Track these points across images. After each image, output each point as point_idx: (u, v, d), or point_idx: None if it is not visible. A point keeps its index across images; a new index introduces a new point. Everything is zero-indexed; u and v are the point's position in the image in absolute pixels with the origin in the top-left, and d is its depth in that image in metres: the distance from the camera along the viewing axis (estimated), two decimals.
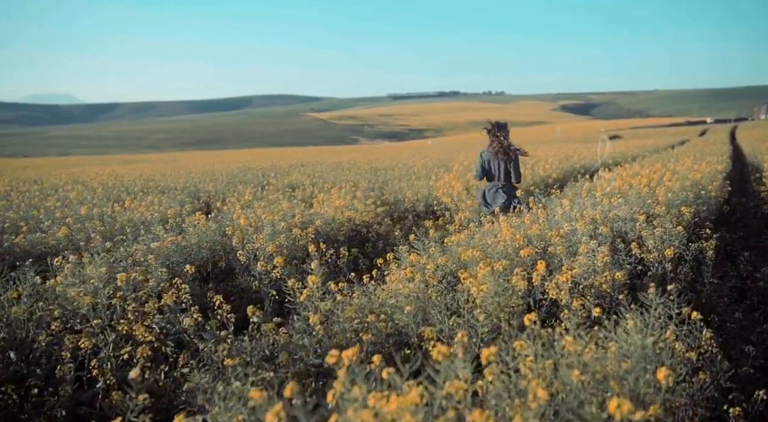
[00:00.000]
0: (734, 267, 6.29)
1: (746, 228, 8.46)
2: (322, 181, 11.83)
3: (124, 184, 12.45)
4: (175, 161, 39.05)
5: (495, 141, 6.24)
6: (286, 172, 15.66)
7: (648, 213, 5.43)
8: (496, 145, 6.23)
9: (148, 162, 39.25)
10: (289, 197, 8.57)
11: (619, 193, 6.21)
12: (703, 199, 6.48)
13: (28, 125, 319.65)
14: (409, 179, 11.38)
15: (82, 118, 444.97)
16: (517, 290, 3.18)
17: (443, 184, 8.68)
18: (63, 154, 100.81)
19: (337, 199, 7.24)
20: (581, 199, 6.00)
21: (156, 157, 54.81)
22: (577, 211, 5.27)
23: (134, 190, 11.04)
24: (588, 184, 7.58)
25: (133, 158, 53.32)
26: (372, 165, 17.34)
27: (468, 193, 7.99)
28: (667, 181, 7.55)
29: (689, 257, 4.30)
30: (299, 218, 5.78)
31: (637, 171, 9.02)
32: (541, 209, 5.51)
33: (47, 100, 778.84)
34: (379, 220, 6.94)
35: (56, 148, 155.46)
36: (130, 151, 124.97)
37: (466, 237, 4.56)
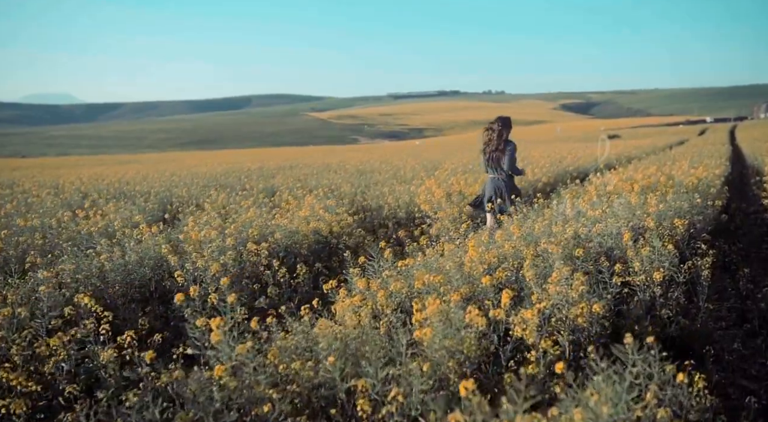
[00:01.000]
0: (733, 283, 5.78)
1: (746, 237, 7.94)
2: (300, 185, 11.32)
3: (98, 188, 11.93)
4: (168, 161, 38.56)
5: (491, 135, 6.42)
6: (270, 175, 15.15)
7: (637, 227, 4.92)
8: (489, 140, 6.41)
9: (142, 162, 38.77)
10: (259, 204, 8.05)
11: (608, 203, 5.71)
12: (699, 209, 5.97)
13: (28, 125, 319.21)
14: (394, 183, 10.88)
15: (83, 117, 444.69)
16: (474, 329, 2.67)
17: (424, 189, 8.17)
18: (62, 154, 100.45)
19: (305, 208, 6.72)
20: (566, 207, 5.50)
21: (151, 157, 54.30)
22: (558, 225, 4.76)
23: (104, 196, 10.53)
24: (576, 190, 7.07)
25: (128, 158, 52.83)
26: (360, 167, 16.83)
27: (449, 199, 7.48)
28: (662, 184, 7.05)
29: (681, 279, 3.79)
30: (255, 231, 5.26)
31: (631, 175, 8.52)
32: (518, 221, 5.00)
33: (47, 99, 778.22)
34: (349, 231, 6.43)
35: (56, 147, 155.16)
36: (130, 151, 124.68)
37: (431, 257, 4.06)
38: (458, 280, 3.38)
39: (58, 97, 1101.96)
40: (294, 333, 2.88)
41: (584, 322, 2.99)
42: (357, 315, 3.16)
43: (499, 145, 6.35)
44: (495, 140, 6.37)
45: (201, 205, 9.36)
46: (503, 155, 6.34)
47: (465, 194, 8.07)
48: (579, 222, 4.88)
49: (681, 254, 4.88)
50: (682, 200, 5.89)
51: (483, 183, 6.62)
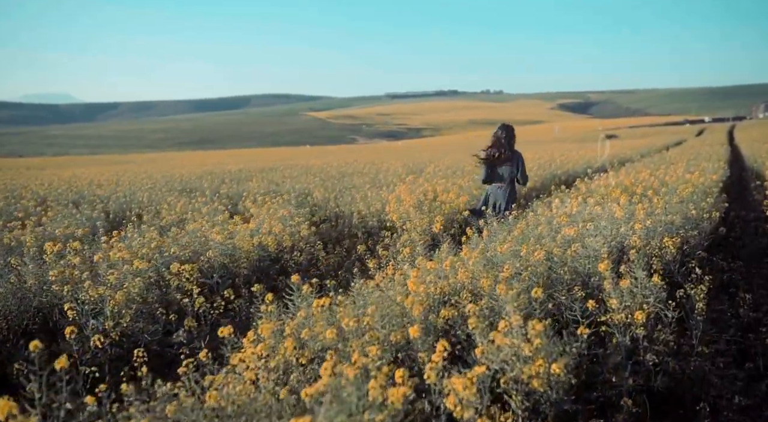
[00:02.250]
0: (732, 307, 5.11)
1: (747, 250, 7.27)
2: (273, 190, 10.64)
3: (59, 192, 11.22)
4: (160, 162, 37.88)
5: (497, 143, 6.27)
6: (247, 178, 14.46)
7: (621, 247, 4.24)
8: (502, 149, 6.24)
9: (136, 163, 38.08)
10: (214, 212, 7.36)
11: (590, 216, 5.02)
12: (694, 222, 5.30)
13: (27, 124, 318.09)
14: (367, 187, 10.18)
15: (82, 117, 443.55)
16: (388, 406, 1.98)
17: (395, 196, 7.48)
18: (61, 154, 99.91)
19: (253, 220, 6.01)
20: (543, 221, 4.81)
21: (145, 157, 53.53)
22: (527, 246, 4.07)
23: (61, 202, 9.82)
24: (562, 197, 6.38)
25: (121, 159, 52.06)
26: (342, 169, 16.13)
27: (420, 208, 6.79)
28: (653, 192, 6.37)
29: (670, 317, 3.11)
30: (174, 250, 4.56)
31: (621, 180, 7.83)
32: (481, 240, 4.33)
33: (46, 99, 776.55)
34: (304, 245, 5.74)
35: (55, 147, 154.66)
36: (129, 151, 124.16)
37: (383, 281, 3.38)
38: (390, 323, 2.70)
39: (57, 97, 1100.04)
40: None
41: (542, 386, 2.31)
42: (254, 373, 2.49)
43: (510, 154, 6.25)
44: (507, 149, 6.24)
45: (159, 211, 8.69)
46: (512, 165, 6.25)
47: (442, 201, 7.38)
48: (555, 240, 4.20)
49: (671, 279, 4.21)
50: (674, 212, 5.22)
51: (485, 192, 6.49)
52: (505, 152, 6.20)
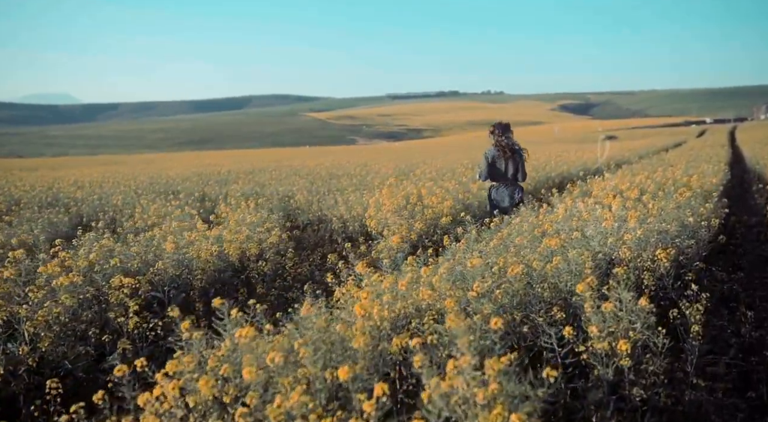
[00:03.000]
0: (732, 321, 4.70)
1: (748, 258, 6.84)
2: (255, 193, 10.24)
3: (33, 194, 10.81)
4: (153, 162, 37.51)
5: (498, 141, 6.37)
6: (234, 179, 14.06)
7: (609, 260, 3.83)
8: (500, 145, 6.35)
9: (128, 164, 37.70)
10: (183, 217, 6.96)
11: (579, 224, 4.61)
12: (691, 230, 4.88)
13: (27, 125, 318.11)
14: (349, 190, 9.77)
15: (82, 117, 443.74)
16: None
17: (375, 200, 7.07)
18: (60, 154, 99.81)
19: (215, 227, 5.59)
20: (526, 228, 4.40)
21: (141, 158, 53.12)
22: (509, 254, 3.67)
23: (34, 204, 9.42)
24: (546, 205, 5.97)
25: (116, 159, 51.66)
26: (333, 170, 15.73)
27: (399, 213, 6.38)
28: (647, 199, 5.96)
29: (660, 346, 2.69)
30: (114, 262, 4.14)
31: (616, 184, 7.42)
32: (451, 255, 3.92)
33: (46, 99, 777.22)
34: (269, 254, 5.32)
35: (54, 147, 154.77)
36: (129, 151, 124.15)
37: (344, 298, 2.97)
38: (328, 357, 2.28)
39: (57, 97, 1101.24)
40: None
41: None
42: None
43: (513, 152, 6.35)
44: (509, 147, 6.35)
45: (133, 214, 8.29)
46: (516, 163, 6.35)
47: (426, 205, 6.95)
48: (536, 251, 3.78)
49: (665, 295, 3.80)
50: (670, 220, 4.80)
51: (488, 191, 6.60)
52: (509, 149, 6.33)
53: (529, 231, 4.45)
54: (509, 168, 6.35)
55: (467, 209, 7.38)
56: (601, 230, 4.04)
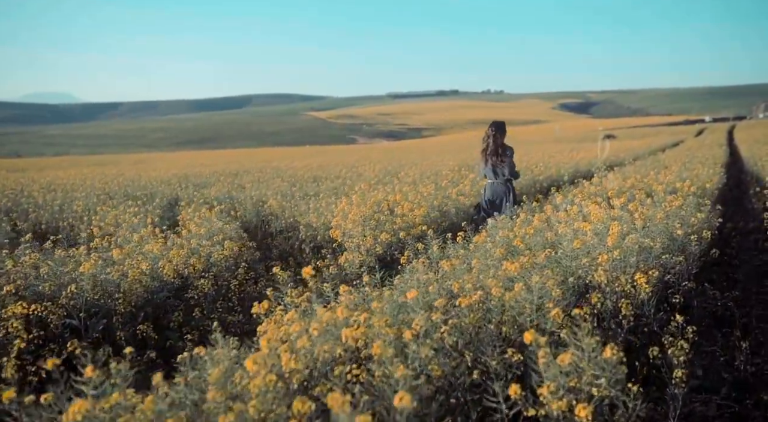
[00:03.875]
0: (726, 348, 4.20)
1: (744, 269, 6.34)
2: (227, 198, 9.74)
3: None
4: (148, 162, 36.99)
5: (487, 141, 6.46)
6: (213, 182, 13.55)
7: (581, 285, 3.32)
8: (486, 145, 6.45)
9: (118, 164, 37.19)
10: (134, 227, 6.45)
11: (551, 241, 4.10)
12: (680, 243, 4.38)
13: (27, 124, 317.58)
14: (334, 193, 9.27)
15: (82, 117, 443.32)
16: None
17: (342, 208, 6.55)
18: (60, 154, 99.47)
19: (157, 240, 5.05)
20: (488, 248, 3.89)
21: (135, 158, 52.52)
22: (459, 283, 3.16)
23: None
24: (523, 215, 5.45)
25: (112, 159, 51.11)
26: (317, 172, 15.21)
27: (365, 223, 5.86)
28: (634, 207, 5.45)
29: (631, 408, 2.19)
30: (8, 288, 3.63)
31: (603, 189, 6.91)
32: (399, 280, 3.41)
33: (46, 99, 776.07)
34: (217, 270, 4.82)
35: (54, 147, 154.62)
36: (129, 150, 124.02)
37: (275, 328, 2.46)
38: None
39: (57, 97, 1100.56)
40: None
41: None
42: None
43: (497, 150, 6.42)
44: (491, 145, 6.43)
45: (90, 223, 7.79)
46: (501, 160, 6.41)
47: (398, 214, 6.44)
48: (498, 274, 3.28)
49: (647, 328, 3.30)
50: (657, 233, 4.30)
51: (482, 189, 6.74)
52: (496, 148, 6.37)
53: (498, 246, 3.94)
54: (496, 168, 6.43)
55: (444, 216, 6.88)
56: (576, 248, 3.54)
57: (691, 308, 4.40)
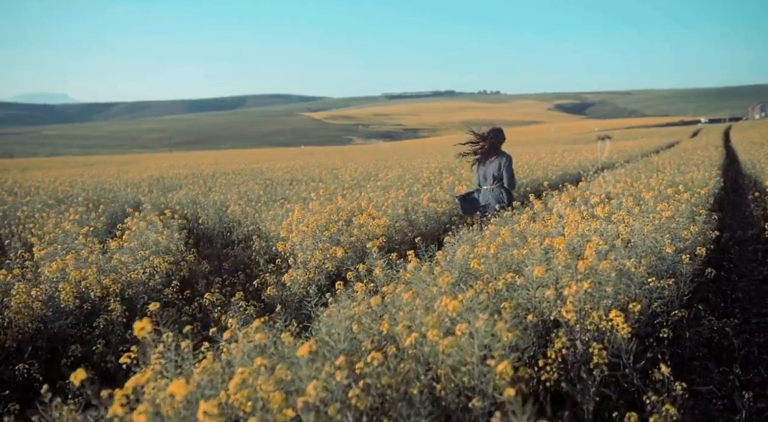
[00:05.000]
0: (724, 387, 3.55)
1: (742, 286, 5.68)
2: (186, 201, 9.06)
3: None
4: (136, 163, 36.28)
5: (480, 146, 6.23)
6: (180, 185, 12.87)
7: (545, 326, 2.66)
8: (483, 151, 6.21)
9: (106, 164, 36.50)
10: (62, 237, 5.76)
11: (516, 260, 3.44)
12: (670, 263, 3.73)
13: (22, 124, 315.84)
14: (300, 199, 8.59)
15: (78, 117, 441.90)
16: None
17: (294, 218, 5.87)
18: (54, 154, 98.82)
19: (56, 261, 4.35)
20: (434, 276, 3.23)
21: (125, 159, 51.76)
22: (389, 321, 2.51)
23: None
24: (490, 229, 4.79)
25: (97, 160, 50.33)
26: (295, 174, 14.53)
27: (319, 234, 5.19)
28: (619, 217, 4.80)
29: None
30: None
31: (587, 196, 6.25)
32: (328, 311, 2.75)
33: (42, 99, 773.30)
34: (133, 292, 4.13)
35: (48, 147, 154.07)
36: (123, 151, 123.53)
37: None
38: None
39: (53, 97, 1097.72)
40: None
41: None
42: None
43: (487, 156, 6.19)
44: (488, 151, 6.20)
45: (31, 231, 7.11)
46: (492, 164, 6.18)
47: (356, 223, 5.75)
48: (433, 312, 2.62)
49: (624, 379, 2.63)
50: (643, 250, 3.65)
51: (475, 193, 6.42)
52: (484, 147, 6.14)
53: (451, 268, 3.27)
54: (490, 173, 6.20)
55: (412, 226, 6.21)
56: (538, 276, 2.87)
57: (682, 339, 3.75)
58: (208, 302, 4.04)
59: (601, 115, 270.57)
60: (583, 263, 2.77)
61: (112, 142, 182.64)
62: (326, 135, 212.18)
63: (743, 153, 18.44)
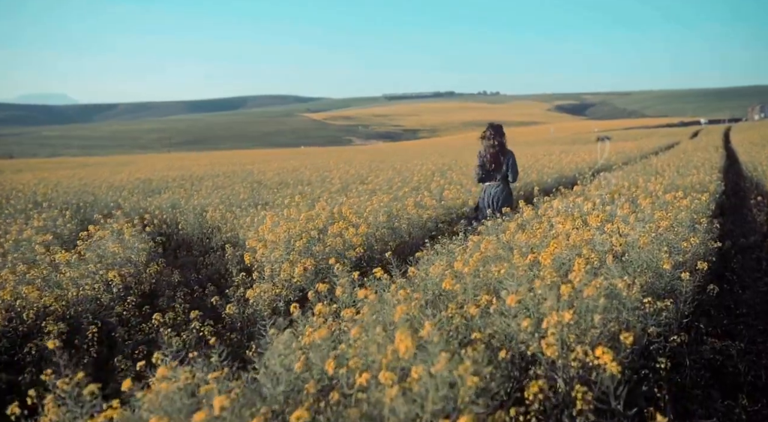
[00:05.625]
0: (729, 420, 3.17)
1: (746, 298, 5.30)
2: (169, 206, 8.69)
3: None
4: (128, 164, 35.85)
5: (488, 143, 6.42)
6: (163, 188, 12.50)
7: (526, 362, 2.28)
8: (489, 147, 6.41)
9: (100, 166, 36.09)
10: (16, 246, 5.38)
11: (498, 280, 3.06)
12: (668, 280, 3.35)
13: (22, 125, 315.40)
14: (282, 204, 8.21)
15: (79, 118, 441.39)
16: None
17: (264, 227, 5.48)
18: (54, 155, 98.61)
19: None
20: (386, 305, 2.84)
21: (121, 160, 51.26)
22: (314, 368, 2.13)
23: None
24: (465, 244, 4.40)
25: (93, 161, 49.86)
26: (284, 176, 14.13)
27: (290, 243, 4.80)
28: (611, 228, 4.42)
29: None
30: None
31: (580, 203, 5.87)
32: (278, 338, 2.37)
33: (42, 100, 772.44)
34: (75, 311, 3.75)
35: (48, 148, 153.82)
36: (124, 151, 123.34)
37: None
38: None
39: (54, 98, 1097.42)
40: None
41: None
42: None
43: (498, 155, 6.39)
44: (496, 149, 6.39)
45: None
46: (502, 164, 6.39)
47: (331, 233, 5.33)
48: None
49: None
50: (636, 269, 3.27)
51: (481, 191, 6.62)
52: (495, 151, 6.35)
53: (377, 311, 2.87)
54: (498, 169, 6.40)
55: (394, 234, 5.82)
56: (510, 305, 2.48)
57: (682, 366, 3.37)
58: (157, 323, 3.66)
59: (600, 116, 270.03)
60: (566, 288, 2.38)
61: (112, 142, 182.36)
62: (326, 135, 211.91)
63: (744, 154, 18.06)
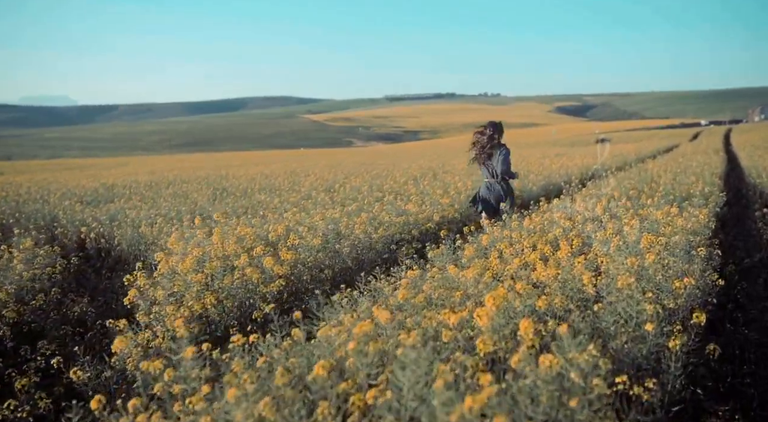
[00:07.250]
0: None
1: (753, 337, 4.40)
2: (107, 216, 7.82)
3: None
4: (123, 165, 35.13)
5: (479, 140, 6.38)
6: (131, 194, 11.66)
7: None
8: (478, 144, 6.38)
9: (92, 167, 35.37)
10: None
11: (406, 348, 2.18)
12: (651, 347, 2.47)
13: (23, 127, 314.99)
14: (236, 215, 7.33)
15: (79, 119, 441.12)
16: None
17: (216, 240, 4.59)
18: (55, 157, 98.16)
19: None
20: None
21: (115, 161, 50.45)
22: None
23: None
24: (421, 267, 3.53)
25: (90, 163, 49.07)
26: (260, 182, 13.24)
27: (187, 284, 3.92)
28: (589, 253, 3.55)
29: None
30: None
31: (555, 221, 4.99)
32: None
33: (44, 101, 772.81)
34: None
35: (49, 149, 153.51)
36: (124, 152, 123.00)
37: None
38: None
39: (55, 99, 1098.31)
40: None
41: None
42: None
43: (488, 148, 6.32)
44: (486, 143, 6.33)
45: None
46: (493, 159, 6.32)
47: (239, 265, 4.41)
48: None
49: None
50: (605, 330, 2.40)
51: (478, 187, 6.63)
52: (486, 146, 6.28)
53: None
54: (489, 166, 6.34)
55: (335, 259, 4.93)
56: None
57: None
58: None
59: (601, 117, 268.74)
60: (475, 401, 1.49)
61: (113, 144, 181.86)
62: (326, 137, 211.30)
63: (746, 159, 17.14)
